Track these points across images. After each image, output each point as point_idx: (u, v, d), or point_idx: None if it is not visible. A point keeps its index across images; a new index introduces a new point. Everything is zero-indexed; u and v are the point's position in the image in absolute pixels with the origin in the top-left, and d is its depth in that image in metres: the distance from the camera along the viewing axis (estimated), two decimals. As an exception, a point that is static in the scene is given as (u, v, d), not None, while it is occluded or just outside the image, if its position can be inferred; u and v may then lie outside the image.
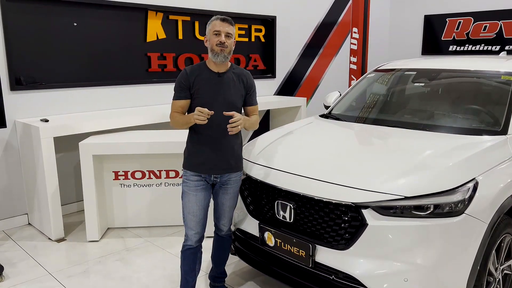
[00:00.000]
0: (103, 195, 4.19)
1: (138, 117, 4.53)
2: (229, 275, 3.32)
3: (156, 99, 5.15)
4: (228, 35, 2.69)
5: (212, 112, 2.58)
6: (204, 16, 5.53)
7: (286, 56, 6.79)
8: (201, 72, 2.74)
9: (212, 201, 2.92)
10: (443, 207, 2.29)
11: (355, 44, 6.43)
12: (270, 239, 2.74)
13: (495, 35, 7.26)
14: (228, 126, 2.60)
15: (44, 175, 3.91)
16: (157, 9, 5.11)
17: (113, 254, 3.81)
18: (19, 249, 3.89)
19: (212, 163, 2.75)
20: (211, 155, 2.74)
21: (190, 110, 2.76)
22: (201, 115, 2.56)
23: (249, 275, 3.44)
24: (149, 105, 5.13)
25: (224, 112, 2.61)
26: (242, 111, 2.91)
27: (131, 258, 3.73)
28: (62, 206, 4.15)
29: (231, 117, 2.62)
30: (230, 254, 3.15)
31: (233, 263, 3.57)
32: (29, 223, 4.46)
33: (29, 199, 4.38)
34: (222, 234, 3.01)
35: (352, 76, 6.56)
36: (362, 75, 5.56)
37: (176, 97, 2.76)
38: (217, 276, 3.15)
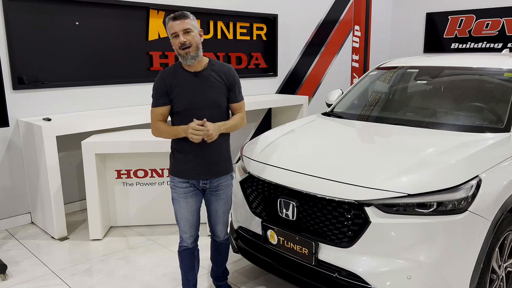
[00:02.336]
0: (106, 194, 4.20)
1: (140, 116, 4.52)
2: (231, 273, 3.32)
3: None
4: (187, 32, 2.52)
5: (205, 121, 2.48)
6: (206, 15, 5.53)
7: (288, 55, 6.78)
8: (177, 74, 2.62)
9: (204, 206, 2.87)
10: (446, 204, 2.29)
11: (357, 42, 6.42)
12: (273, 237, 2.74)
13: (497, 32, 7.23)
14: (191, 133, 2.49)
15: (47, 174, 3.92)
16: (158, 7, 5.11)
17: (116, 252, 3.82)
18: (22, 248, 3.90)
19: (199, 168, 2.65)
20: (198, 159, 2.64)
21: (171, 114, 2.69)
22: (198, 133, 2.47)
23: (252, 273, 3.44)
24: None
25: (195, 121, 2.49)
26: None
27: (134, 257, 3.74)
28: (65, 205, 4.15)
29: (214, 120, 2.57)
30: (232, 252, 3.16)
31: (236, 261, 3.57)
32: (32, 222, 4.47)
33: (32, 198, 4.38)
34: (220, 240, 2.96)
35: (354, 74, 6.56)
36: (364, 73, 5.56)
37: (155, 104, 2.64)
38: (219, 276, 3.15)
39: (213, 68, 2.66)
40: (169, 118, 2.76)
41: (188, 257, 2.85)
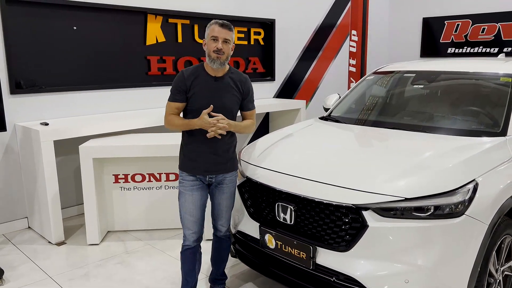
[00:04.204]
0: (103, 198, 4.19)
1: (138, 120, 4.53)
2: (229, 277, 3.32)
3: (156, 102, 5.16)
4: (226, 41, 2.69)
5: (211, 107, 2.65)
6: (203, 20, 5.54)
7: (285, 59, 6.81)
8: (198, 75, 2.75)
9: (209, 202, 2.95)
10: (443, 208, 2.30)
11: (354, 47, 6.44)
12: (270, 241, 2.74)
13: (493, 37, 7.28)
14: (209, 128, 2.66)
15: (44, 178, 3.92)
16: (156, 12, 5.13)
17: (114, 257, 3.81)
18: (19, 253, 3.89)
19: (206, 164, 2.78)
20: (206, 156, 2.77)
21: (185, 112, 2.82)
22: (215, 129, 2.64)
23: (249, 277, 3.44)
24: (149, 108, 5.14)
25: (211, 113, 2.66)
26: (239, 114, 2.93)
27: (132, 261, 3.73)
28: (62, 210, 4.15)
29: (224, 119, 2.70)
30: (230, 257, 3.16)
31: (233, 266, 3.57)
32: (29, 227, 4.46)
33: (29, 203, 4.37)
34: (221, 235, 3.03)
35: (351, 78, 6.57)
36: (361, 78, 5.58)
37: (173, 99, 2.78)
38: (217, 278, 3.17)
39: (231, 76, 2.82)
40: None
41: (189, 258, 2.89)
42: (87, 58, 4.69)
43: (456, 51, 7.73)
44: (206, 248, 3.17)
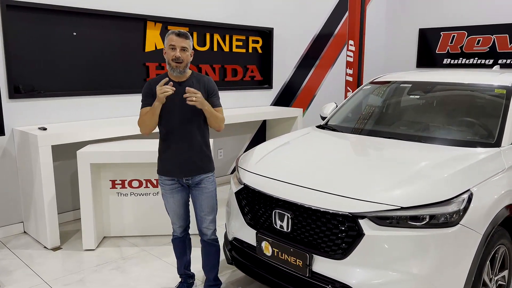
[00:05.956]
0: (100, 204, 4.19)
1: (136, 126, 4.51)
2: (225, 284, 3.33)
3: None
4: (183, 49, 2.82)
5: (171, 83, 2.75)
6: (202, 27, 5.59)
7: (283, 67, 6.86)
8: None
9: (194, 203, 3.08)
10: (438, 217, 2.33)
11: (351, 56, 6.49)
12: (267, 248, 2.75)
13: (488, 49, 7.36)
14: (185, 95, 2.71)
15: (41, 183, 3.92)
16: (156, 19, 5.17)
17: (110, 263, 3.81)
18: (14, 258, 3.88)
19: (180, 166, 2.92)
20: (178, 158, 2.91)
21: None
22: (163, 88, 2.70)
23: (245, 283, 3.44)
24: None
25: (187, 88, 2.73)
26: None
27: (128, 267, 3.73)
28: (58, 215, 4.13)
29: (194, 123, 2.86)
30: (226, 263, 3.17)
31: (229, 272, 3.57)
32: (24, 232, 4.44)
33: (25, 207, 4.37)
34: (207, 239, 3.09)
35: (348, 87, 6.62)
36: (358, 87, 5.63)
37: (143, 104, 2.95)
38: (212, 285, 3.19)
39: (194, 78, 2.95)
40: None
41: (179, 245, 3.18)
42: (86, 64, 4.71)
43: (452, 62, 7.81)
44: (198, 256, 3.21)
